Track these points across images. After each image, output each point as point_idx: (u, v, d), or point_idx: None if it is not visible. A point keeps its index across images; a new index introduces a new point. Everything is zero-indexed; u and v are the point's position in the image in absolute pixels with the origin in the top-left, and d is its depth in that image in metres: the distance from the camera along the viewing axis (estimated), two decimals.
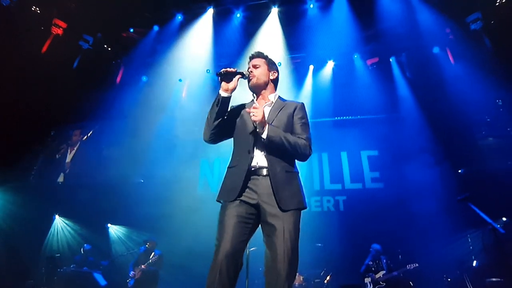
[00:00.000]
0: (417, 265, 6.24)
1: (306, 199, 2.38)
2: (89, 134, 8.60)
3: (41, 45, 8.34)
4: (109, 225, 8.77)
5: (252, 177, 2.34)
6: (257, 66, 2.58)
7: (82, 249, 7.74)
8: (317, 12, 8.01)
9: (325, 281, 6.58)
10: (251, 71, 2.55)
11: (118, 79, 9.50)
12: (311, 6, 8.00)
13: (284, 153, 2.36)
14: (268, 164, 2.34)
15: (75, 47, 8.85)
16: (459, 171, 7.90)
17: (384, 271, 6.55)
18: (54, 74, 7.96)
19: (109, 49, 9.33)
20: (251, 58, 2.66)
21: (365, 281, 6.59)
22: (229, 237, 2.16)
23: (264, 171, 2.34)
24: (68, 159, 8.96)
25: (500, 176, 6.60)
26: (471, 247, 6.67)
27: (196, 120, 9.12)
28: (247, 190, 2.32)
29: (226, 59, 8.69)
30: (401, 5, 7.78)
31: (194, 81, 9.26)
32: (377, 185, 8.33)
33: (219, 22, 8.22)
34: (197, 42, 8.27)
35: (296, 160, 2.50)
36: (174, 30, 8.28)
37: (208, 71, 8.81)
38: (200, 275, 7.58)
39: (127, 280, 6.68)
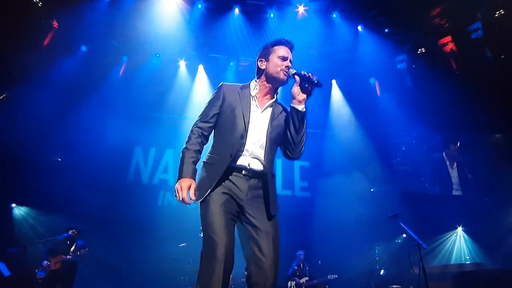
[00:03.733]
0: (336, 276, 6.86)
1: None
2: (0, 98, 7.30)
3: None
4: (13, 205, 7.52)
5: (240, 174, 2.23)
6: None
7: None
8: (276, 22, 8.24)
9: None
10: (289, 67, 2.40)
11: (46, 41, 8.28)
12: (272, 15, 8.21)
13: (294, 139, 2.39)
14: (261, 166, 2.28)
15: None
16: (371, 189, 8.99)
17: (307, 277, 7.05)
18: None
19: (40, 4, 8.09)
20: (291, 48, 2.46)
21: (289, 285, 6.95)
22: (226, 235, 2.05)
23: (254, 172, 2.26)
24: None
25: (410, 199, 7.68)
26: (377, 258, 7.63)
27: (130, 102, 8.56)
28: (235, 187, 2.21)
29: (177, 46, 8.37)
30: (350, 33, 8.51)
31: (137, 61, 8.63)
32: (305, 193, 8.98)
33: (178, 8, 7.83)
34: (150, 23, 7.74)
35: None
36: (127, 4, 7.60)
37: (156, 54, 8.36)
38: (123, 269, 7.16)
39: (36, 270, 5.85)
